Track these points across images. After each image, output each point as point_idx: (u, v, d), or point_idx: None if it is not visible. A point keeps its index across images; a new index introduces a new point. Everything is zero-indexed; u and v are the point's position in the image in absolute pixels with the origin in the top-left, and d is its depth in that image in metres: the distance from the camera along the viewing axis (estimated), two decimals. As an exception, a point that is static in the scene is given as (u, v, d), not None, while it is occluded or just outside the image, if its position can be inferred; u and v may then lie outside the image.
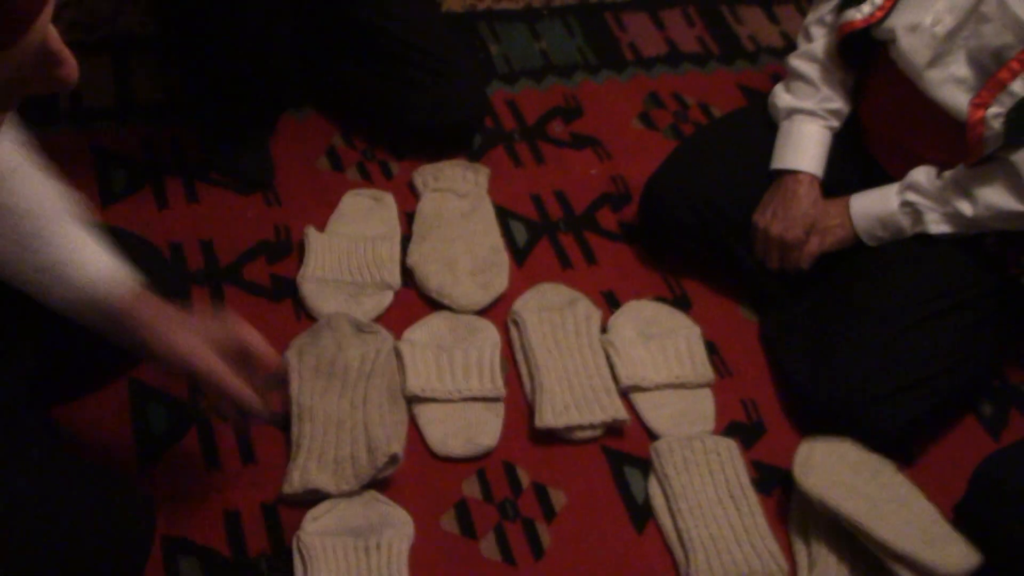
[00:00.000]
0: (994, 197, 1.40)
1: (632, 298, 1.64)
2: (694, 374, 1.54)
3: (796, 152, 1.58)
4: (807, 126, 1.59)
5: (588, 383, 1.49)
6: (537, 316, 1.55)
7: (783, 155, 1.59)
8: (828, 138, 1.60)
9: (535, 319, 1.55)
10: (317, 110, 1.84)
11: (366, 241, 1.61)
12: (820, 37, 1.60)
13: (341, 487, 1.31)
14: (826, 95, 1.58)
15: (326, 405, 1.38)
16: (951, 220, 1.46)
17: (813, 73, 1.59)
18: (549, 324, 1.54)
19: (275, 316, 1.52)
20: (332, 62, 1.80)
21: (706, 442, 1.44)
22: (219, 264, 1.57)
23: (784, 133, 1.61)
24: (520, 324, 1.54)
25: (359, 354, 1.44)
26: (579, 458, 1.44)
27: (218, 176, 1.69)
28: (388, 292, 1.57)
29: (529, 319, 1.54)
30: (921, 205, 1.47)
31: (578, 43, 2.13)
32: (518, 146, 1.87)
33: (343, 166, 1.76)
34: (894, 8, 1.47)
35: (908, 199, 1.48)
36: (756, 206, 1.60)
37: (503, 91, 1.97)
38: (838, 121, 1.60)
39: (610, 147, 1.90)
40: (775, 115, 1.64)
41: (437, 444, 1.41)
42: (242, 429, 1.34)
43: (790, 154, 1.58)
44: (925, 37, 1.42)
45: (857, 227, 1.53)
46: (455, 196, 1.71)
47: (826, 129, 1.59)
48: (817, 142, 1.58)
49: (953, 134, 1.41)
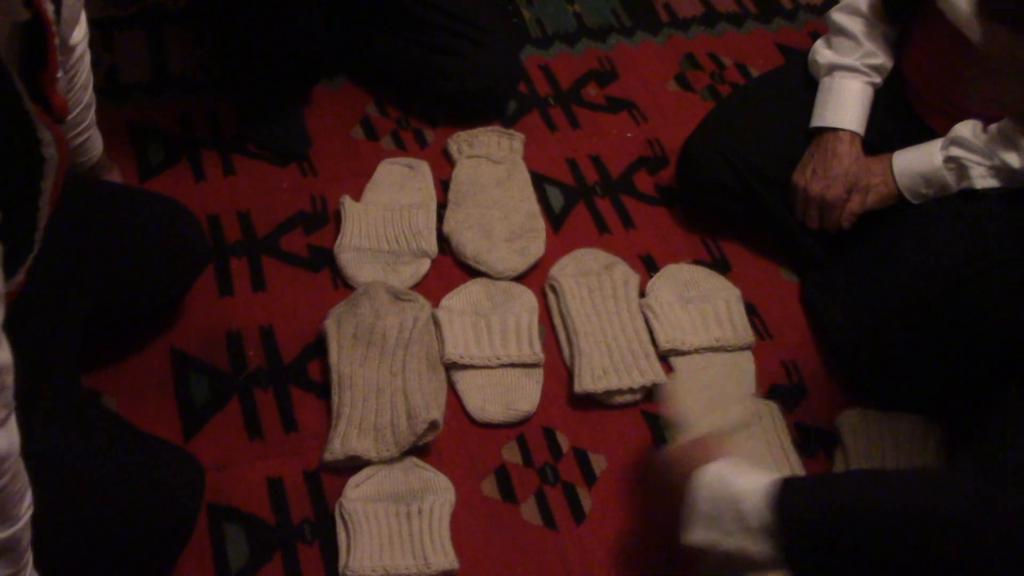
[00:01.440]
0: None
1: (670, 262, 1.63)
2: (735, 336, 1.53)
3: (837, 110, 1.55)
4: (848, 82, 1.56)
5: (627, 347, 1.48)
6: (575, 281, 1.54)
7: (823, 113, 1.56)
8: (870, 94, 1.56)
9: (572, 284, 1.54)
10: (350, 79, 1.83)
11: (402, 209, 1.61)
12: None
13: (382, 454, 1.31)
14: (868, 50, 1.55)
15: (366, 373, 1.39)
16: (998, 174, 1.43)
17: (855, 27, 1.55)
18: (587, 289, 1.54)
19: (313, 286, 1.53)
20: (365, 31, 1.79)
21: (746, 403, 1.43)
22: (257, 235, 1.57)
23: (824, 90, 1.58)
24: (557, 289, 1.54)
25: (397, 322, 1.44)
26: (619, 422, 1.43)
27: (254, 148, 1.69)
28: (425, 260, 1.57)
29: (566, 284, 1.54)
30: (966, 159, 1.44)
31: (612, 5, 2.10)
32: (552, 111, 1.85)
33: (378, 135, 1.76)
34: None
35: (953, 154, 1.45)
36: (796, 165, 1.57)
37: (536, 56, 1.96)
38: (880, 77, 1.57)
39: (646, 110, 1.88)
40: (815, 72, 1.61)
41: (476, 410, 1.41)
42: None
43: (831, 112, 1.55)
44: None
45: (900, 184, 1.50)
46: (490, 163, 1.70)
47: (868, 85, 1.56)
48: (858, 99, 1.55)
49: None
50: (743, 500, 0.98)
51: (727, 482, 1.01)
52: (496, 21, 1.83)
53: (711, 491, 1.01)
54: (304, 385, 1.41)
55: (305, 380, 1.42)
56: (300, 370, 1.43)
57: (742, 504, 0.98)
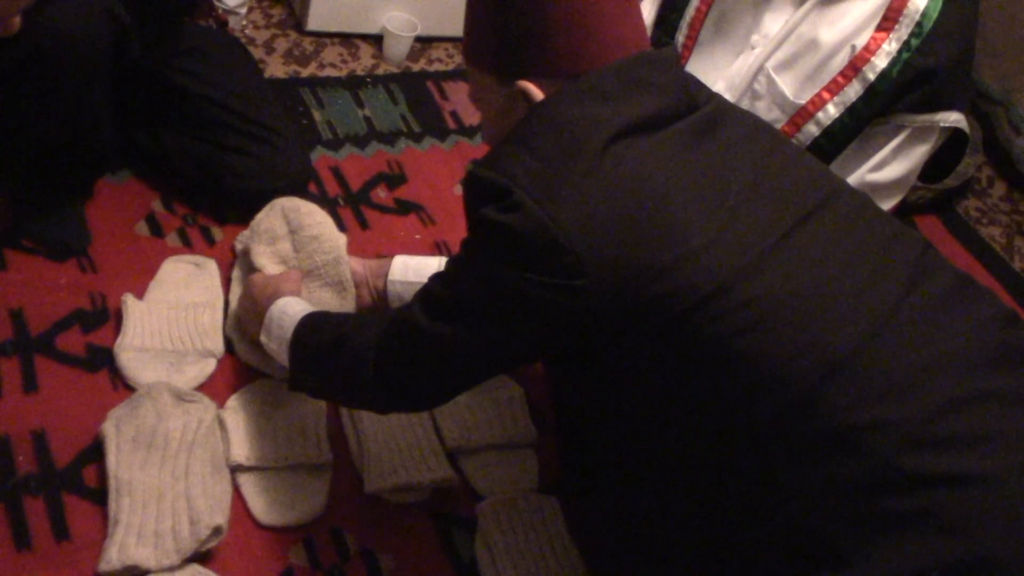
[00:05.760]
0: None
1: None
2: (518, 434, 1.59)
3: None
4: None
5: (415, 444, 1.50)
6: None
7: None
8: None
9: (361, 384, 1.56)
10: (136, 174, 1.81)
11: (187, 308, 1.59)
12: None
13: (162, 562, 1.27)
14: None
15: (146, 477, 1.35)
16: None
17: None
18: (375, 388, 1.56)
19: (91, 387, 1.48)
20: (152, 126, 1.78)
21: (530, 501, 1.48)
22: (30, 334, 1.51)
23: None
24: (346, 389, 1.55)
25: (181, 424, 1.41)
26: (407, 521, 1.45)
27: (29, 243, 1.63)
28: (211, 360, 1.55)
29: (355, 384, 1.55)
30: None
31: (401, 111, 2.17)
32: (342, 212, 1.89)
33: (163, 231, 1.73)
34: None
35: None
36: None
37: (327, 157, 1.99)
38: None
39: (434, 213, 1.95)
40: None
41: (262, 513, 1.39)
42: None
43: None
44: None
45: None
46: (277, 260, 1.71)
47: None
48: None
49: None
50: (287, 320, 1.38)
51: (285, 306, 1.41)
52: (286, 122, 1.86)
53: (277, 310, 1.41)
54: (79, 492, 1.35)
55: (80, 486, 1.36)
56: (74, 476, 1.37)
57: (285, 322, 1.38)
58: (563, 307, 1.07)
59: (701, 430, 1.12)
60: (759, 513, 1.10)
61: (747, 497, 1.11)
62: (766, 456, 1.08)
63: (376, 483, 1.43)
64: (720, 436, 1.10)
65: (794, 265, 1.09)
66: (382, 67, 2.29)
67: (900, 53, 1.42)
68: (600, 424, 1.28)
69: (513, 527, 1.45)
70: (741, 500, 1.12)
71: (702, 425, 1.11)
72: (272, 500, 1.41)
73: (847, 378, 1.04)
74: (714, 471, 1.13)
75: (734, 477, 1.11)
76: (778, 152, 1.19)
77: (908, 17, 1.41)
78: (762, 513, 1.09)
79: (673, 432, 1.15)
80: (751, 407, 1.07)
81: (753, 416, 1.07)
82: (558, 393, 1.51)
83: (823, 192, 1.17)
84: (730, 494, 1.12)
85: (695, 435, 1.13)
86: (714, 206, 1.09)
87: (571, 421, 1.46)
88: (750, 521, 1.11)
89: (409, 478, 1.45)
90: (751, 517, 1.11)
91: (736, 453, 1.10)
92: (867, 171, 1.50)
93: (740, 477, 1.11)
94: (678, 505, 1.20)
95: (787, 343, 1.05)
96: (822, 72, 1.48)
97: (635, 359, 1.12)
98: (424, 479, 1.46)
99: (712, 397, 1.09)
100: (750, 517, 1.11)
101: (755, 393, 1.06)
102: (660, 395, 1.13)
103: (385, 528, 1.44)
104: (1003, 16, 2.54)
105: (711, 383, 1.08)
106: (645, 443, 1.21)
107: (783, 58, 1.51)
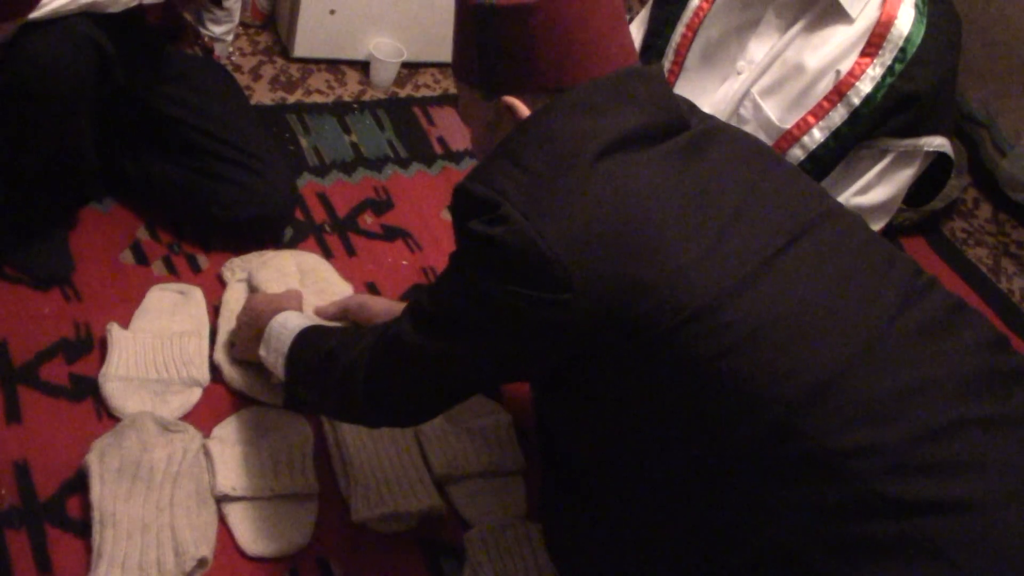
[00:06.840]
0: None
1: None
2: (506, 461, 1.58)
3: None
4: None
5: (403, 473, 1.49)
6: (350, 408, 1.55)
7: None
8: None
9: (348, 412, 1.55)
10: (121, 202, 1.80)
11: (172, 337, 1.58)
12: None
13: (146, 595, 1.26)
14: None
15: (130, 509, 1.33)
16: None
17: None
18: (362, 416, 1.55)
19: (75, 417, 1.46)
20: (137, 154, 1.77)
21: (518, 529, 1.47)
22: (13, 364, 1.50)
23: None
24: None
25: (166, 454, 1.40)
26: (395, 550, 1.44)
27: (11, 271, 1.62)
28: (196, 389, 1.54)
29: (342, 412, 1.54)
30: None
31: (388, 136, 2.17)
32: (329, 238, 1.88)
33: (148, 260, 1.72)
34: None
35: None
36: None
37: (314, 183, 1.99)
38: None
39: (420, 239, 1.94)
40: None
41: (248, 544, 1.38)
42: None
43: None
44: None
45: None
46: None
47: None
48: None
49: None
50: (285, 334, 1.39)
51: (285, 320, 1.42)
52: (271, 149, 1.86)
53: (277, 323, 1.42)
54: (62, 524, 1.34)
55: (63, 518, 1.34)
56: (58, 508, 1.35)
57: (283, 335, 1.39)
58: (549, 321, 1.07)
59: (684, 452, 1.11)
60: (742, 536, 1.09)
61: (730, 520, 1.10)
62: (749, 479, 1.07)
63: (363, 512, 1.42)
64: (703, 458, 1.10)
65: (781, 287, 1.09)
66: (369, 93, 2.29)
67: (884, 78, 1.43)
68: (583, 444, 1.28)
69: (501, 555, 1.44)
70: (724, 523, 1.11)
71: (685, 446, 1.11)
72: (258, 530, 1.39)
73: (831, 402, 1.04)
74: (697, 494, 1.13)
75: (717, 500, 1.11)
76: (771, 173, 1.19)
77: (892, 42, 1.42)
78: (745, 536, 1.09)
79: (655, 453, 1.14)
80: (734, 429, 1.06)
81: (736, 438, 1.06)
82: (540, 414, 1.50)
83: (814, 213, 1.16)
84: (713, 517, 1.12)
85: (678, 456, 1.12)
86: (702, 225, 1.08)
87: (553, 442, 1.45)
88: (733, 544, 1.10)
89: (397, 507, 1.44)
90: (734, 540, 1.10)
91: (719, 475, 1.09)
92: (852, 195, 1.50)
93: (723, 500, 1.10)
94: (660, 528, 1.19)
95: (771, 365, 1.05)
96: (807, 97, 1.48)
97: (619, 377, 1.11)
98: (412, 508, 1.45)
99: (695, 418, 1.08)
100: (733, 540, 1.10)
101: (738, 415, 1.05)
102: (643, 415, 1.13)
103: (372, 557, 1.42)
104: (986, 39, 2.56)
105: (694, 403, 1.08)
106: (628, 464, 1.20)
107: (768, 83, 1.51)
